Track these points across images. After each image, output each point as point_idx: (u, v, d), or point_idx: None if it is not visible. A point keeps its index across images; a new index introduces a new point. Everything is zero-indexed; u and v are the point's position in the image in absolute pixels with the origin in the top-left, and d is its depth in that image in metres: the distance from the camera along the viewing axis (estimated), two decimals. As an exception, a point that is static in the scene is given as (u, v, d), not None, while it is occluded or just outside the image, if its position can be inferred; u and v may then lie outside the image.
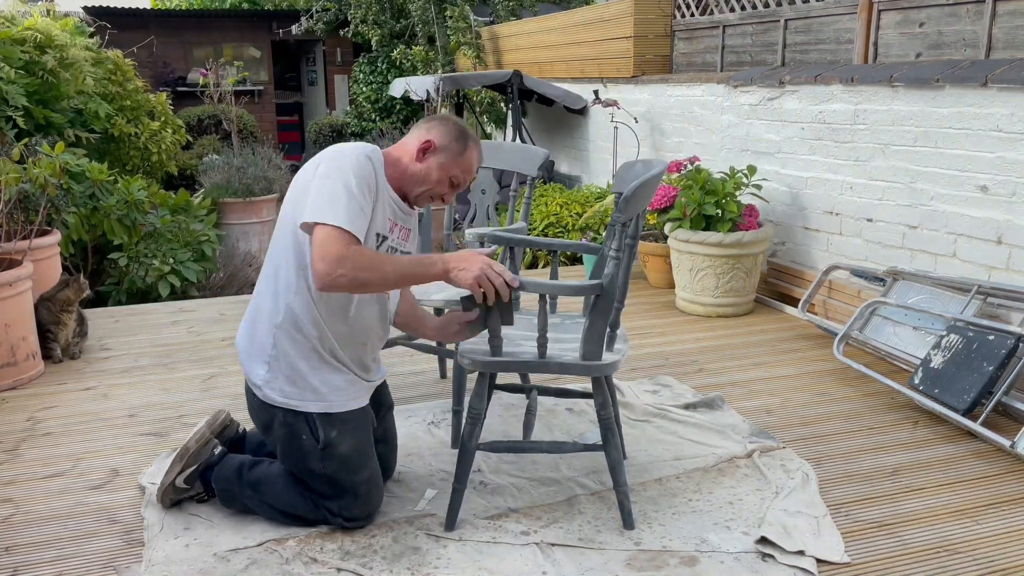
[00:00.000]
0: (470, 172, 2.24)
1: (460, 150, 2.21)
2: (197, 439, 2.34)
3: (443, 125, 2.24)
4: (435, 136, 2.21)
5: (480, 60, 9.33)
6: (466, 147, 2.22)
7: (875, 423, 2.98)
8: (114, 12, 11.89)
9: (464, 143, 2.22)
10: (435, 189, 2.21)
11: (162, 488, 2.33)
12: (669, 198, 4.41)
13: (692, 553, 2.15)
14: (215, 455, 2.35)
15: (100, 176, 4.90)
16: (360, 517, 2.25)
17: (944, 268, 3.60)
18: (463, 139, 2.22)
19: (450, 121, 2.26)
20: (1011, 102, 3.23)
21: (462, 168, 2.22)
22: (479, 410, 2.24)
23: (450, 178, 2.22)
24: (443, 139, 2.21)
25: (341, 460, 2.19)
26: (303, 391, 2.18)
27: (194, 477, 2.33)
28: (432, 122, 2.26)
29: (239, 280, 5.98)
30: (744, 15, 5.17)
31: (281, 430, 2.21)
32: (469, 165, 2.23)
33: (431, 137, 2.21)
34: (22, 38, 5.36)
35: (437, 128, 2.23)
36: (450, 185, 2.23)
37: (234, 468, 2.32)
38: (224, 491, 2.31)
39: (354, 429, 2.22)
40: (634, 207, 2.07)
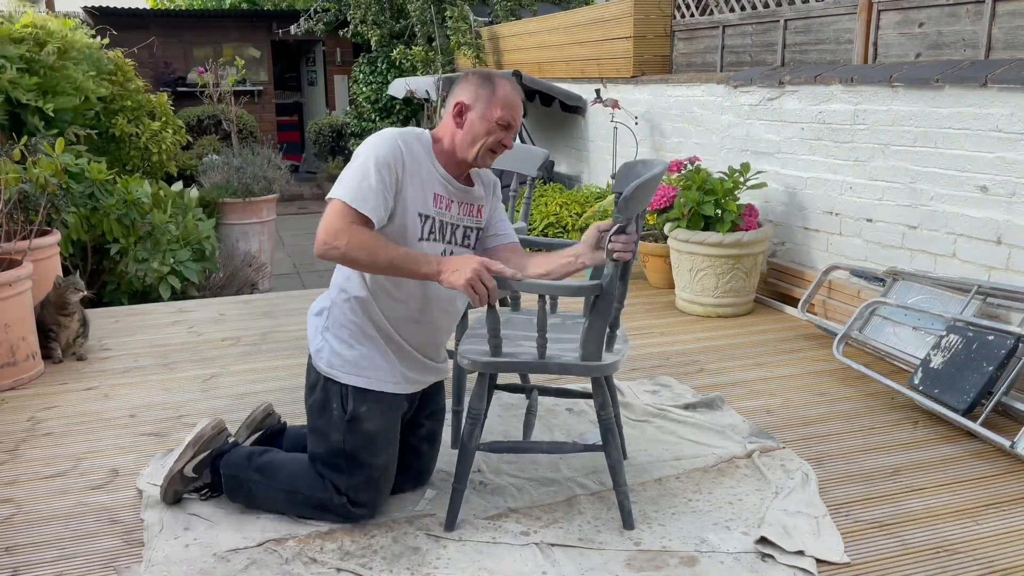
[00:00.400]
0: (512, 107, 2.19)
1: (490, 92, 2.17)
2: (213, 426, 2.39)
3: (464, 81, 2.22)
4: (462, 95, 2.20)
5: (480, 60, 9.33)
6: (495, 87, 2.18)
7: (875, 423, 2.98)
8: (114, 12, 11.90)
9: (491, 84, 2.19)
10: (488, 140, 2.19)
11: (169, 476, 2.34)
12: (669, 198, 4.41)
13: (692, 553, 2.15)
14: (227, 443, 2.38)
15: (100, 176, 4.90)
16: (365, 503, 2.26)
17: (944, 268, 3.60)
18: (488, 82, 2.19)
19: (470, 75, 2.24)
20: (1011, 102, 3.23)
21: (502, 106, 2.17)
22: (479, 410, 2.24)
23: (496, 122, 2.17)
24: (470, 93, 2.19)
25: (364, 437, 2.22)
26: (344, 363, 2.23)
27: (204, 465, 2.35)
28: (455, 87, 2.24)
29: (239, 280, 5.99)
30: (744, 15, 5.17)
31: (319, 395, 2.26)
32: (507, 100, 2.18)
33: (459, 99, 2.20)
34: (21, 36, 5.36)
35: (461, 87, 2.22)
36: (501, 128, 2.18)
37: (244, 454, 2.35)
38: (231, 477, 2.32)
39: (384, 412, 2.24)
40: (634, 207, 2.07)
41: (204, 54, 12.55)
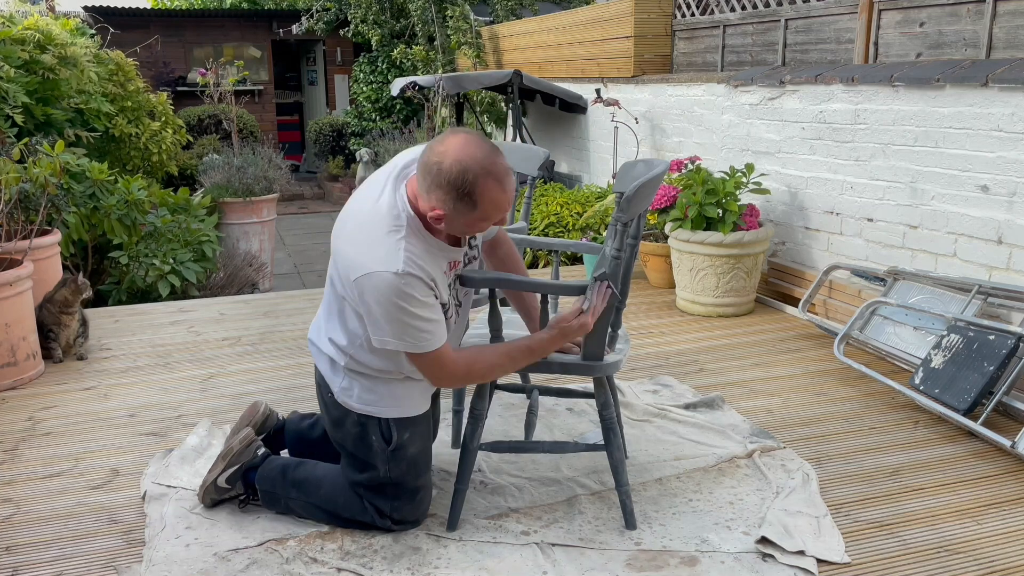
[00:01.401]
0: (497, 212, 1.96)
1: (469, 209, 1.93)
2: (241, 440, 2.34)
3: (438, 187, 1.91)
4: (437, 204, 1.94)
5: (480, 60, 9.33)
6: (475, 203, 1.92)
7: (875, 423, 2.98)
8: (114, 12, 11.90)
9: (470, 201, 1.91)
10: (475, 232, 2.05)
11: (204, 486, 2.34)
12: (670, 198, 4.41)
13: (692, 553, 2.15)
14: (258, 456, 2.34)
15: (100, 176, 4.90)
16: (409, 520, 2.25)
17: (944, 268, 3.60)
18: (467, 198, 1.91)
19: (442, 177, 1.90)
20: (1012, 102, 3.23)
21: (485, 218, 1.96)
22: (480, 410, 2.24)
23: (479, 227, 2.01)
24: (448, 206, 1.93)
25: (409, 462, 2.20)
26: (380, 398, 2.17)
27: (235, 477, 2.33)
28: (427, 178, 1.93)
29: (239, 280, 5.98)
30: (744, 15, 5.17)
31: (353, 429, 2.19)
32: (492, 210, 1.95)
33: (436, 207, 1.94)
34: (22, 37, 5.36)
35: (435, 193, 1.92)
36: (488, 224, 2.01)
37: (278, 469, 2.32)
38: (267, 492, 2.31)
39: (422, 433, 2.24)
40: (636, 207, 2.07)
41: (204, 54, 12.56)
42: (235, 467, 2.32)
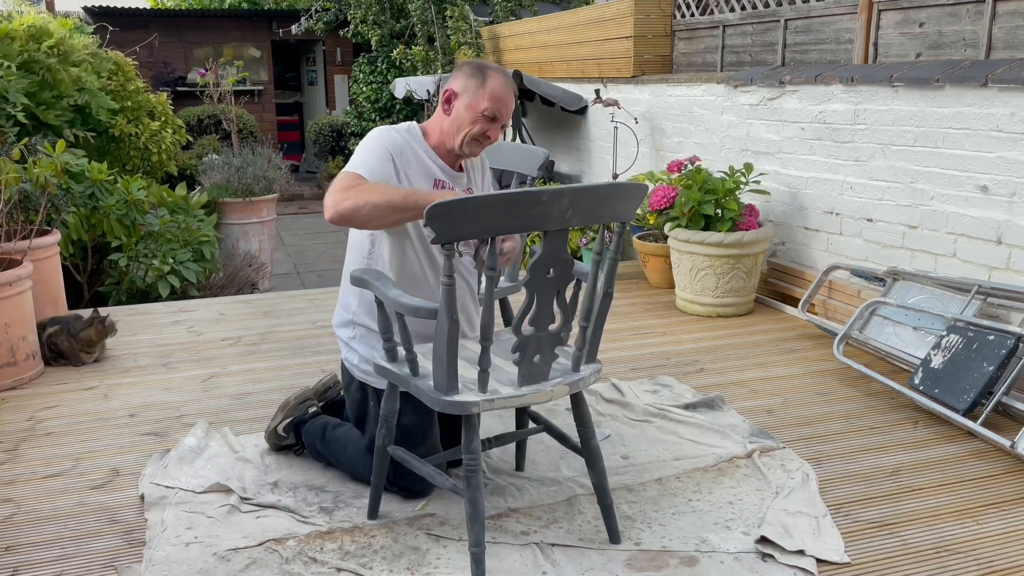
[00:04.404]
0: (499, 100, 2.24)
1: (479, 83, 2.24)
2: (297, 396, 2.65)
3: (458, 71, 2.29)
4: (453, 84, 2.28)
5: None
6: (484, 78, 2.24)
7: (875, 423, 2.98)
8: (114, 12, 11.90)
9: (482, 75, 2.24)
10: (473, 129, 2.26)
11: (268, 431, 2.67)
12: (669, 198, 4.41)
13: (692, 553, 2.15)
14: (308, 413, 2.62)
15: (100, 176, 4.90)
16: (415, 489, 2.38)
17: (944, 268, 3.60)
18: (479, 72, 2.24)
19: (465, 64, 2.30)
20: (1011, 102, 3.23)
21: (489, 98, 2.23)
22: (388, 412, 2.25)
23: (481, 113, 2.24)
24: (460, 82, 2.27)
25: (403, 432, 2.31)
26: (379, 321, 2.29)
27: (290, 428, 2.62)
28: (452, 74, 2.31)
29: (239, 280, 5.99)
30: (744, 15, 5.17)
31: (356, 394, 2.45)
32: (494, 92, 2.24)
33: (451, 87, 2.28)
34: (19, 34, 5.36)
35: (454, 77, 2.29)
36: (486, 120, 2.25)
37: (320, 427, 2.57)
38: (310, 445, 2.59)
39: (416, 407, 2.29)
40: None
41: (204, 54, 12.55)
42: (289, 419, 2.62)
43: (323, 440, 2.55)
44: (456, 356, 1.91)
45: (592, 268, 1.99)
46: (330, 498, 2.43)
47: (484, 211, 1.77)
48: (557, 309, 1.98)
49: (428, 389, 1.98)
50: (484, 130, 2.26)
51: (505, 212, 1.77)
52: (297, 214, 11.25)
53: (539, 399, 2.01)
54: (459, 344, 2.08)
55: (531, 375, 2.01)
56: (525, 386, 2.00)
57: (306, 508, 2.37)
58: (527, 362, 1.98)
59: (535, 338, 1.96)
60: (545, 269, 1.90)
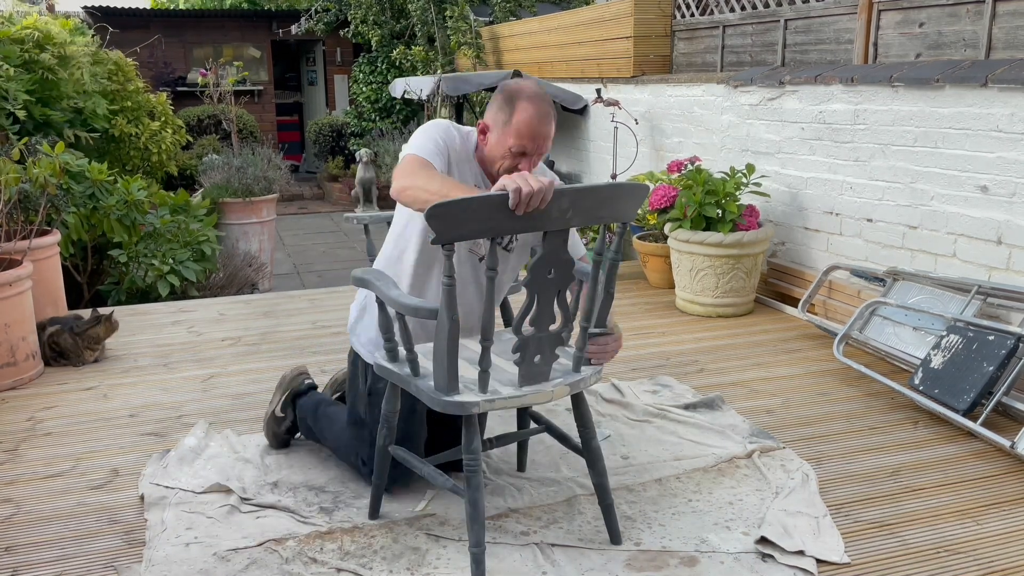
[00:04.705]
0: (526, 135, 2.13)
1: (506, 119, 2.15)
2: (293, 370, 2.71)
3: (494, 101, 2.20)
4: (487, 116, 2.23)
5: (480, 60, 9.33)
6: (511, 113, 2.14)
7: (875, 423, 2.98)
8: (114, 12, 11.90)
9: (509, 109, 2.14)
10: (505, 164, 2.20)
11: (265, 420, 2.70)
12: (670, 198, 4.41)
13: (692, 553, 2.15)
14: (304, 385, 2.67)
15: (100, 176, 4.90)
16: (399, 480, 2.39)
17: (944, 268, 3.60)
18: (509, 104, 2.15)
19: (499, 92, 2.20)
20: (1011, 102, 3.23)
21: (515, 135, 2.14)
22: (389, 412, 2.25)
23: (509, 149, 2.15)
24: (492, 114, 2.20)
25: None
26: (369, 341, 2.39)
27: (287, 404, 2.65)
28: (491, 100, 2.24)
29: (239, 280, 5.99)
30: (744, 15, 5.17)
31: (351, 368, 2.49)
32: (521, 128, 2.13)
33: (485, 119, 2.24)
34: (21, 37, 5.36)
35: (490, 106, 2.22)
36: (514, 156, 2.16)
37: (315, 402, 2.62)
38: (303, 420, 2.62)
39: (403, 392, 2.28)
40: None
41: (204, 54, 12.55)
42: (285, 393, 2.65)
43: (315, 415, 2.58)
44: (456, 356, 1.91)
45: (592, 268, 1.99)
46: (330, 498, 2.43)
47: (484, 211, 1.77)
48: (558, 309, 1.98)
49: (428, 389, 1.98)
50: (515, 164, 2.17)
51: (505, 212, 1.77)
52: (297, 214, 11.25)
53: (539, 399, 2.01)
54: (460, 344, 2.08)
55: (531, 375, 2.01)
56: (525, 386, 2.00)
57: (306, 508, 2.37)
58: (527, 362, 1.98)
59: (535, 338, 1.96)
60: (546, 269, 1.89)
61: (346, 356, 2.69)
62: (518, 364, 1.97)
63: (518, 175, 1.79)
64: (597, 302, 2.05)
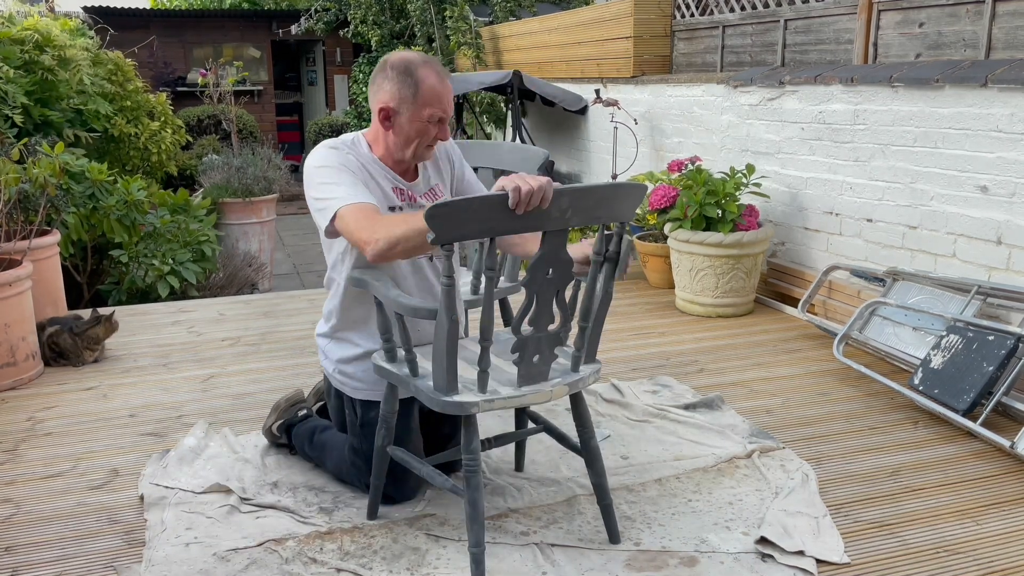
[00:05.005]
0: (439, 100, 2.10)
1: (413, 92, 2.09)
2: (287, 399, 2.68)
3: (385, 79, 2.12)
4: (385, 96, 2.13)
5: (480, 60, 9.33)
6: (418, 84, 2.08)
7: (875, 423, 2.98)
8: (114, 12, 11.90)
9: (412, 80, 2.08)
10: (424, 139, 2.16)
11: (263, 430, 2.72)
12: (670, 198, 4.41)
13: (692, 553, 2.15)
14: (298, 416, 2.65)
15: (100, 176, 4.90)
16: (394, 496, 2.37)
17: (944, 268, 3.60)
18: (409, 78, 2.08)
19: (387, 67, 2.11)
20: (1011, 102, 3.23)
21: (429, 104, 2.10)
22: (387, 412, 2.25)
23: (427, 120, 2.13)
24: (393, 95, 2.11)
25: None
26: (347, 378, 2.35)
27: (281, 429, 2.66)
28: (376, 80, 2.14)
29: (239, 280, 5.99)
30: (744, 15, 5.17)
31: (335, 401, 2.47)
32: (432, 96, 2.09)
33: (384, 102, 2.13)
34: (21, 38, 5.36)
35: (383, 86, 2.13)
36: (434, 125, 2.13)
37: (309, 430, 2.59)
38: (299, 448, 2.61)
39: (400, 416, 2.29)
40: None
41: (204, 54, 12.56)
42: (281, 420, 2.66)
43: (311, 444, 2.56)
44: (456, 357, 1.91)
45: (592, 268, 1.99)
46: (330, 498, 2.43)
47: (484, 211, 1.77)
48: (556, 309, 1.98)
49: (428, 389, 1.98)
50: (434, 134, 2.16)
51: (506, 212, 1.77)
52: (297, 214, 11.24)
53: (538, 399, 2.01)
54: (458, 344, 2.08)
55: (530, 375, 2.01)
56: (524, 386, 2.00)
57: (306, 508, 2.37)
58: (526, 362, 1.98)
59: (534, 338, 1.96)
60: (544, 269, 1.90)
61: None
62: (517, 364, 1.97)
63: (516, 176, 1.78)
64: (596, 301, 2.06)
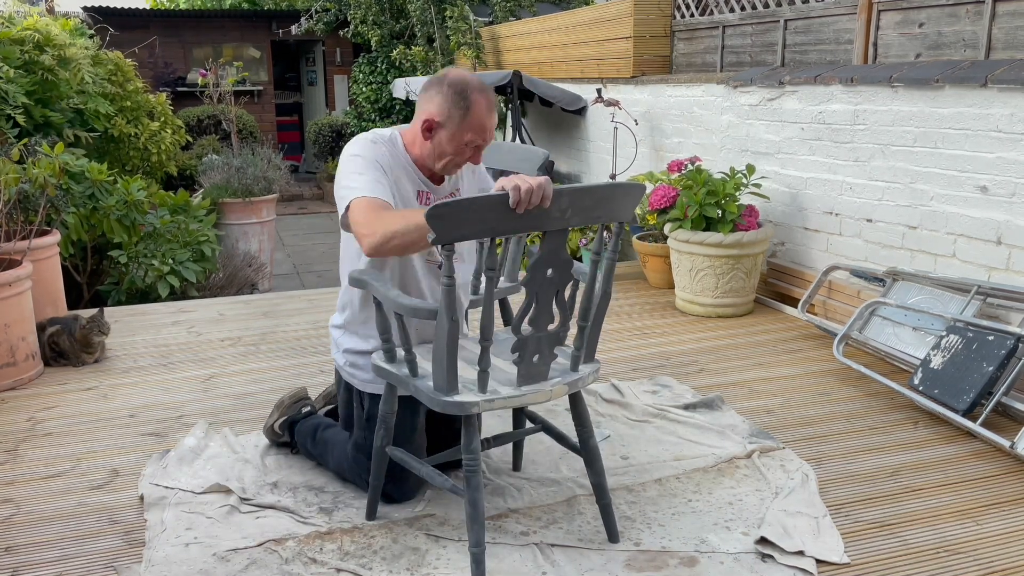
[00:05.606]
0: (483, 130, 2.15)
1: (463, 115, 2.13)
2: (291, 395, 2.70)
3: (439, 94, 2.15)
4: (433, 109, 2.16)
5: (480, 60, 9.33)
6: (468, 109, 2.13)
7: (875, 423, 2.98)
8: (114, 12, 11.89)
9: (465, 105, 2.13)
10: (457, 159, 2.21)
11: (265, 428, 2.73)
12: (670, 198, 4.41)
13: (692, 554, 2.15)
14: (302, 413, 2.67)
15: (100, 176, 4.90)
16: (392, 495, 2.37)
17: (944, 268, 3.60)
18: (462, 101, 2.13)
19: (444, 85, 2.15)
20: (1011, 102, 3.23)
21: (473, 130, 2.15)
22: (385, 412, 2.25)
23: (464, 144, 2.17)
24: (442, 109, 2.15)
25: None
26: (357, 370, 2.36)
27: (284, 427, 2.67)
28: (430, 90, 2.18)
29: (239, 280, 5.99)
30: (744, 15, 5.17)
31: (344, 394, 2.48)
32: (478, 124, 2.14)
33: (431, 114, 2.17)
34: (21, 38, 5.36)
35: (432, 98, 2.17)
36: (470, 149, 2.19)
37: (311, 427, 2.61)
38: (302, 444, 2.62)
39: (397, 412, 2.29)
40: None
41: (204, 54, 12.55)
42: (284, 418, 2.67)
43: (314, 440, 2.58)
44: (456, 357, 1.91)
45: (591, 268, 1.99)
46: (330, 499, 2.43)
47: (484, 211, 1.77)
48: (556, 309, 1.98)
49: (427, 390, 1.98)
50: (468, 158, 2.20)
51: (506, 211, 1.77)
52: (297, 214, 11.25)
53: (538, 399, 2.01)
54: (458, 344, 2.08)
55: (530, 375, 2.01)
56: (524, 386, 2.00)
57: (306, 509, 2.37)
58: (526, 362, 1.98)
59: (534, 338, 1.96)
60: (544, 269, 1.90)
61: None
62: (517, 364, 1.97)
63: (516, 176, 1.80)
64: (595, 301, 2.06)
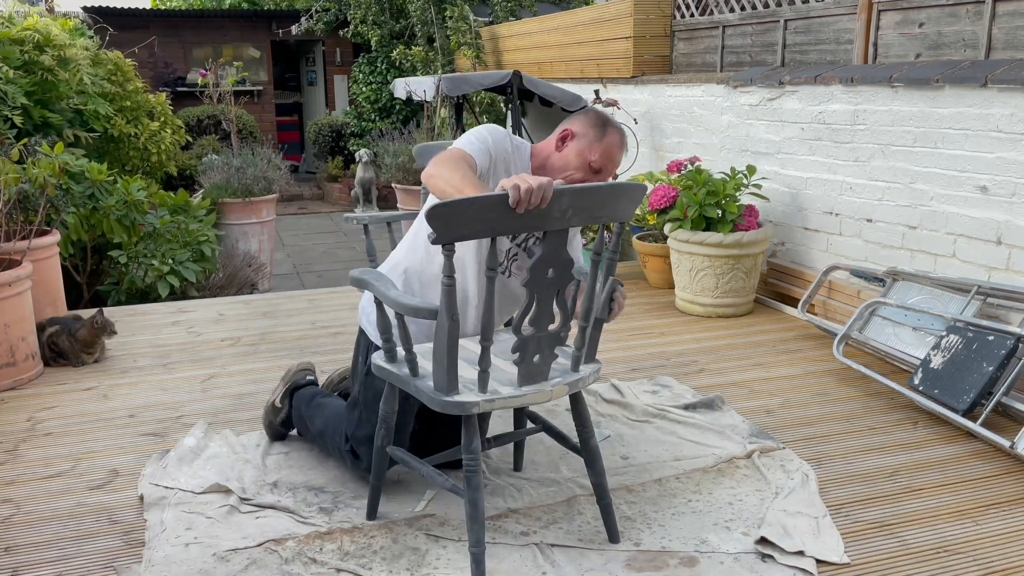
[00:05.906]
0: (610, 159, 2.26)
1: (599, 136, 2.26)
2: (298, 364, 2.77)
3: (584, 116, 2.32)
4: (575, 125, 2.30)
5: (480, 60, 9.33)
6: (605, 133, 2.26)
7: (875, 424, 2.98)
8: (114, 12, 11.89)
9: (603, 130, 2.27)
10: (576, 175, 2.26)
11: (264, 409, 2.76)
12: (670, 198, 4.41)
13: (692, 554, 2.15)
14: (305, 379, 2.72)
15: (99, 176, 4.89)
16: (362, 457, 2.38)
17: (944, 268, 3.60)
18: (602, 126, 2.27)
19: (592, 112, 2.34)
20: (1011, 102, 3.23)
21: (600, 152, 2.25)
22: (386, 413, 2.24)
23: (589, 163, 2.26)
24: (582, 127, 2.29)
25: (375, 393, 2.32)
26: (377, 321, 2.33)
27: (286, 396, 2.70)
28: (576, 115, 2.34)
29: (238, 280, 5.98)
30: (744, 15, 5.17)
31: (356, 346, 2.49)
32: (608, 150, 2.26)
33: (571, 127, 2.30)
34: (21, 38, 5.36)
35: (579, 119, 2.32)
36: (590, 170, 2.26)
37: (311, 392, 2.66)
38: (296, 409, 2.66)
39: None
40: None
41: (204, 54, 12.55)
42: (287, 386, 2.71)
43: (308, 404, 2.62)
44: (456, 357, 1.91)
45: (591, 268, 1.99)
46: (329, 499, 2.43)
47: (484, 211, 1.77)
48: (556, 309, 1.98)
49: (428, 389, 1.98)
50: (585, 178, 2.27)
51: (506, 211, 1.77)
52: (297, 214, 11.25)
53: (539, 399, 2.01)
54: (459, 344, 2.08)
55: (531, 375, 2.01)
56: (525, 386, 2.00)
57: (305, 509, 2.37)
58: (527, 362, 1.98)
59: (535, 338, 1.96)
60: (545, 269, 1.90)
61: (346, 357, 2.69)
62: (517, 364, 1.97)
63: (516, 176, 1.81)
64: (596, 303, 2.06)
